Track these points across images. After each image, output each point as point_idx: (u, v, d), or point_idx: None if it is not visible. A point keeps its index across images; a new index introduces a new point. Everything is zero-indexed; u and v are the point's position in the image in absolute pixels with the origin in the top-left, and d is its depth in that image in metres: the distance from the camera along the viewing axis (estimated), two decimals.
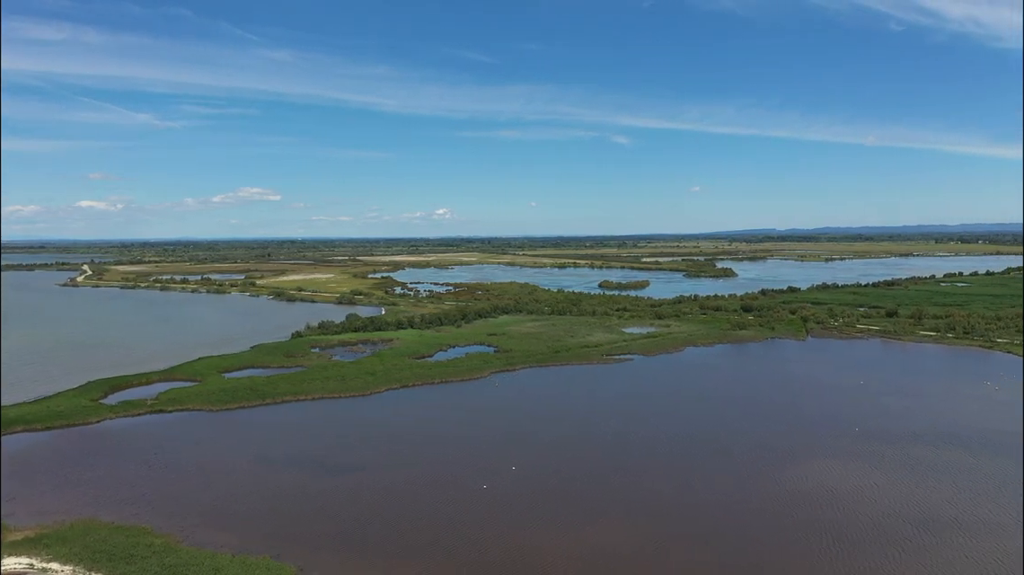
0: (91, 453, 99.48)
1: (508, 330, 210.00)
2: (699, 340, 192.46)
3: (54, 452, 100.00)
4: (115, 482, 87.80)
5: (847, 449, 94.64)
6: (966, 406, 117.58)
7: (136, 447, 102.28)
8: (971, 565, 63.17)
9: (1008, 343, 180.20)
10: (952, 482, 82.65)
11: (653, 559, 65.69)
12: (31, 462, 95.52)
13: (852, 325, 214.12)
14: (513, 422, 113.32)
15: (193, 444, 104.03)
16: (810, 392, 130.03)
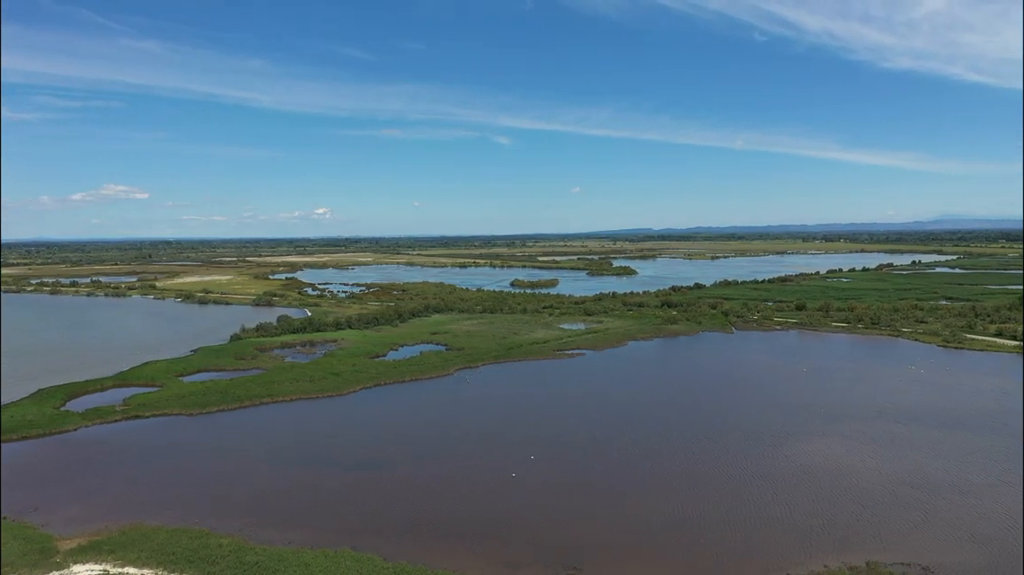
0: (92, 461, 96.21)
1: (449, 328, 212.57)
2: (637, 335, 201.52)
3: (51, 461, 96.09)
4: (137, 488, 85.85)
5: (830, 429, 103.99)
6: (908, 387, 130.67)
7: (137, 453, 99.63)
8: (981, 518, 72.58)
9: (911, 332, 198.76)
10: (933, 452, 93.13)
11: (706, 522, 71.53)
12: (34, 472, 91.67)
13: (770, 318, 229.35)
14: (507, 415, 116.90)
15: (194, 447, 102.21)
16: (765, 380, 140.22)
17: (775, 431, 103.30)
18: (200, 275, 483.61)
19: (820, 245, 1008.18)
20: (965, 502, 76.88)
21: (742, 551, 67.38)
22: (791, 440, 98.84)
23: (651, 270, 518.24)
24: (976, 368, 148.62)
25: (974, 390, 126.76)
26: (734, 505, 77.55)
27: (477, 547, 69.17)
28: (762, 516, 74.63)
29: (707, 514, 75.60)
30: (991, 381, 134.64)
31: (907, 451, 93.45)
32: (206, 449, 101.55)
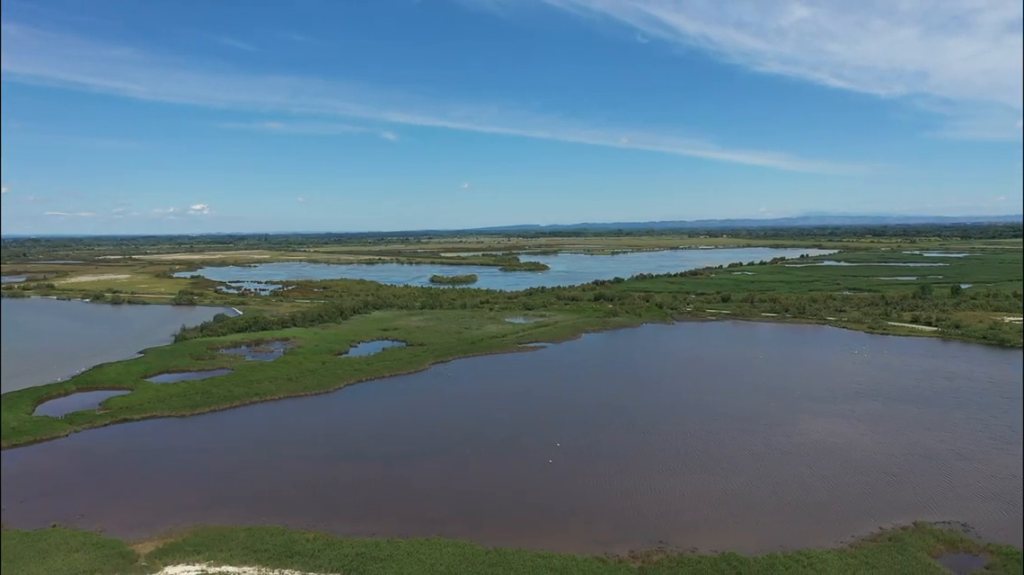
0: (111, 465, 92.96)
1: (398, 325, 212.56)
2: (586, 328, 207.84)
3: (65, 467, 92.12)
4: (175, 490, 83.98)
5: (819, 410, 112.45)
6: (864, 370, 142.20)
7: (152, 455, 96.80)
8: (994, 479, 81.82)
9: (836, 320, 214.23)
10: (921, 427, 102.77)
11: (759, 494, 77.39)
12: (55, 478, 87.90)
13: (703, 310, 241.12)
14: (509, 405, 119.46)
15: (210, 447, 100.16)
16: (731, 367, 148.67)
17: (771, 414, 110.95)
18: (93, 274, 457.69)
19: (707, 240, 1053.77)
20: (973, 467, 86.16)
21: (805, 517, 73.61)
22: (790, 421, 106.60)
23: (561, 265, 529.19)
24: (909, 352, 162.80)
25: (921, 371, 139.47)
26: (778, 478, 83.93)
27: (558, 530, 72.15)
28: (807, 486, 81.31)
29: (757, 487, 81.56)
30: (932, 363, 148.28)
31: (897, 426, 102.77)
32: (223, 448, 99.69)
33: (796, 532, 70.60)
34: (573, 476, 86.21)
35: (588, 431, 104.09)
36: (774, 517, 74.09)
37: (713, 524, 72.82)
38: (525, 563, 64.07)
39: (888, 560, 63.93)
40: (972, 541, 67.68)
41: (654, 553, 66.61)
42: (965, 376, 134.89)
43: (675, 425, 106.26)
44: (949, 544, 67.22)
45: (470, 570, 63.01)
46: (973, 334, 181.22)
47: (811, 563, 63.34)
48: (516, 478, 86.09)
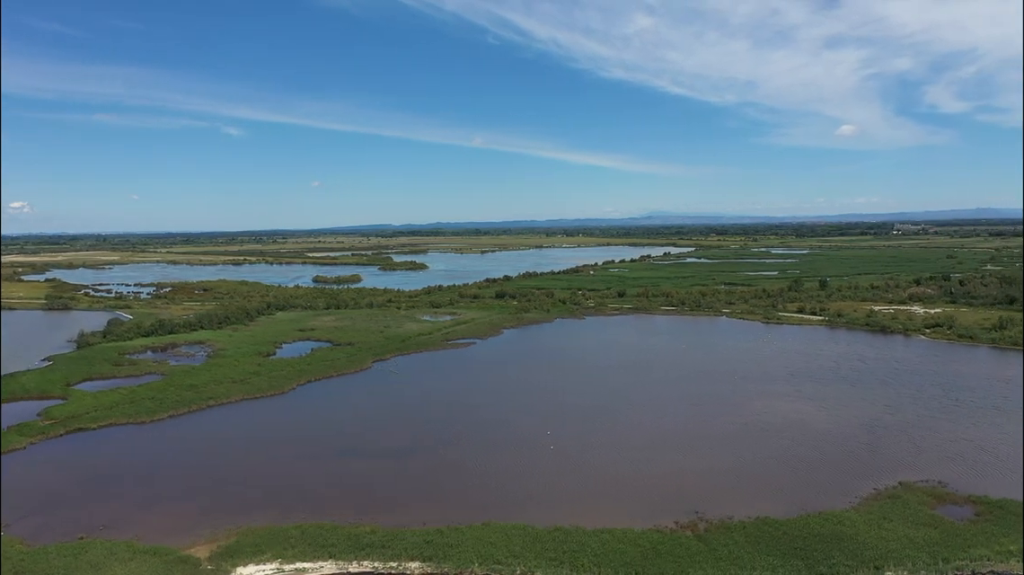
0: (101, 475, 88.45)
1: (312, 325, 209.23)
2: (504, 324, 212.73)
3: (48, 480, 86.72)
4: (192, 495, 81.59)
5: (770, 390, 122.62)
6: (783, 355, 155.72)
7: (143, 462, 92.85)
8: (952, 442, 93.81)
9: (731, 312, 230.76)
10: (866, 402, 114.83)
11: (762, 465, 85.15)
12: (45, 492, 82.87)
13: (605, 305, 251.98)
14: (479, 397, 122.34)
15: (196, 452, 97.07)
16: (665, 356, 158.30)
17: (728, 396, 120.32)
18: None
19: (567, 239, 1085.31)
20: (927, 434, 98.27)
21: (808, 484, 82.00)
22: (748, 402, 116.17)
23: (440, 264, 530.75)
24: (810, 338, 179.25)
25: (834, 355, 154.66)
26: (769, 452, 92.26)
27: (594, 509, 76.57)
28: (798, 457, 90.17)
29: (756, 460, 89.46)
30: (837, 347, 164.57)
31: (843, 403, 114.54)
32: (213, 452, 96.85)
33: (808, 497, 78.69)
34: (579, 461, 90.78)
35: (569, 417, 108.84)
36: (784, 485, 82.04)
37: (735, 495, 79.64)
38: (592, 538, 68.11)
39: (898, 513, 73.04)
40: (953, 494, 78.21)
41: (698, 522, 72.40)
42: (873, 358, 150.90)
43: (652, 409, 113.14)
44: (936, 498, 77.36)
45: (542, 548, 66.34)
46: (856, 322, 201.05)
47: (839, 521, 71.35)
48: (528, 464, 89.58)
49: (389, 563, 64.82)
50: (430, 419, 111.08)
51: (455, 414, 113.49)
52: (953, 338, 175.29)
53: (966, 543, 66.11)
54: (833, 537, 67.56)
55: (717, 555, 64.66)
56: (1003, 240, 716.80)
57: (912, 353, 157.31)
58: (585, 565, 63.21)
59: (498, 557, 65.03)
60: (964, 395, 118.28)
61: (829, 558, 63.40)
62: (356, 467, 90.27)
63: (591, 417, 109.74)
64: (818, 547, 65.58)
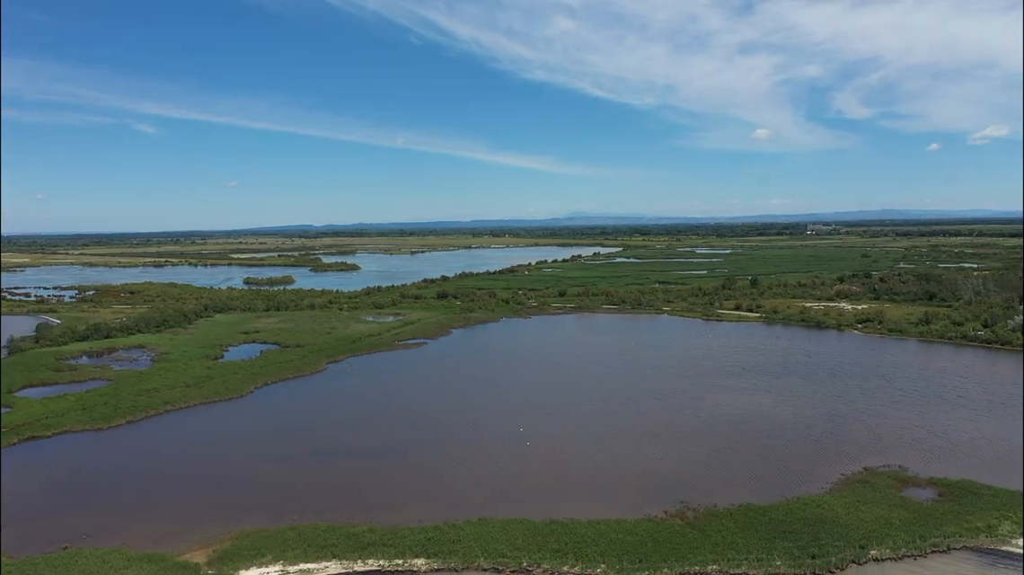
0: (71, 484, 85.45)
1: (256, 327, 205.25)
2: (451, 324, 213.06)
3: (12, 489, 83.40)
4: (172, 500, 79.85)
5: (727, 384, 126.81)
6: (733, 350, 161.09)
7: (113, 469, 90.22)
8: (907, 429, 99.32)
9: (671, 310, 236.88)
10: (819, 394, 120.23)
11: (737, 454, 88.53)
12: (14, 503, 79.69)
13: (548, 304, 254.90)
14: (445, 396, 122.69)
15: (169, 456, 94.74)
16: (619, 351, 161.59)
17: (689, 390, 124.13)
18: None
19: (495, 239, 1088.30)
20: (882, 422, 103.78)
21: (782, 472, 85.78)
22: (709, 395, 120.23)
23: (372, 265, 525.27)
24: (752, 334, 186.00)
25: (779, 349, 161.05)
26: (739, 441, 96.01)
27: (583, 502, 78.28)
28: (769, 447, 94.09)
29: (729, 451, 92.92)
30: (779, 343, 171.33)
31: (798, 395, 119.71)
32: (185, 456, 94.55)
33: (784, 483, 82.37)
34: (560, 456, 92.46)
35: (537, 414, 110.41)
36: (759, 473, 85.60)
37: (715, 483, 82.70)
38: (589, 530, 69.86)
39: (870, 496, 77.32)
40: (916, 477, 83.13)
41: (685, 511, 75.00)
42: (816, 352, 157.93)
43: (619, 405, 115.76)
44: (901, 481, 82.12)
45: (543, 540, 67.69)
46: (791, 318, 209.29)
47: (819, 505, 75.11)
48: (508, 461, 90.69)
49: (395, 561, 65.05)
50: (399, 419, 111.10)
51: (423, 414, 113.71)
52: (884, 332, 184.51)
53: (937, 522, 70.54)
54: (816, 520, 71.07)
55: (712, 541, 67.22)
56: (910, 240, 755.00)
57: (850, 347, 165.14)
58: (589, 555, 64.81)
59: (502, 551, 66.06)
60: (907, 385, 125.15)
61: (817, 540, 66.74)
62: (335, 468, 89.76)
63: (559, 413, 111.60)
64: (805, 530, 68.92)
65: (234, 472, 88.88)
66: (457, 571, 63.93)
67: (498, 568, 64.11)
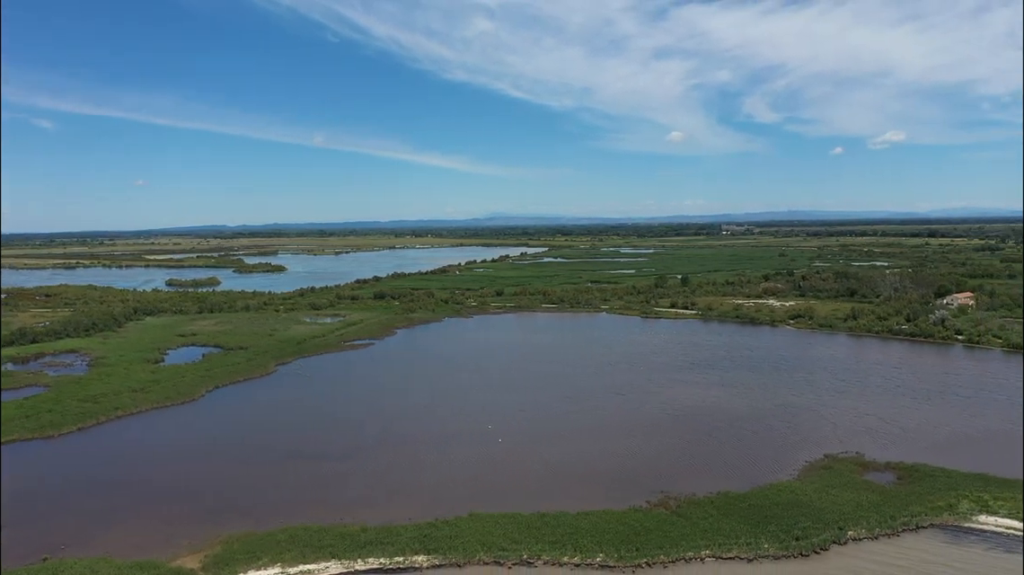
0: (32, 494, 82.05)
1: (192, 330, 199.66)
2: (395, 324, 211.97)
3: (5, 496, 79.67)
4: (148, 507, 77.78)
5: (680, 379, 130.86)
6: (677, 346, 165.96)
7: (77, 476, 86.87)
8: (858, 418, 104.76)
9: (609, 308, 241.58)
10: (766, 387, 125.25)
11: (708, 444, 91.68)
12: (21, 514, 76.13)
13: (487, 304, 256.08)
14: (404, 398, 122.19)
15: (132, 462, 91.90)
16: (571, 349, 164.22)
17: (647, 385, 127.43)
18: None
19: (419, 240, 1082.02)
20: (834, 412, 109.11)
21: (751, 460, 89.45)
22: (666, 390, 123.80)
23: (298, 266, 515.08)
24: (691, 331, 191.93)
25: (722, 345, 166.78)
26: (704, 432, 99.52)
27: (564, 495, 79.98)
28: (734, 436, 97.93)
29: (697, 440, 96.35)
30: (720, 339, 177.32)
31: (750, 388, 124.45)
32: (149, 462, 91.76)
33: (754, 471, 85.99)
34: (535, 451, 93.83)
35: (503, 412, 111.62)
36: (729, 462, 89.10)
37: (689, 473, 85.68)
38: (581, 521, 71.53)
39: (837, 481, 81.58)
40: (874, 462, 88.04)
41: (668, 500, 77.48)
42: (757, 347, 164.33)
43: (582, 401, 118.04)
44: (861, 466, 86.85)
45: (538, 532, 68.94)
46: (726, 315, 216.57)
47: (792, 491, 78.85)
48: (485, 457, 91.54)
49: (395, 558, 65.19)
50: (362, 419, 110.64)
51: (386, 413, 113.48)
52: (815, 327, 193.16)
53: (903, 503, 75.09)
54: (792, 505, 74.64)
55: (700, 528, 69.83)
56: (820, 240, 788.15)
57: (786, 341, 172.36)
58: (586, 546, 66.43)
59: (501, 544, 67.02)
60: (849, 376, 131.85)
61: (798, 523, 70.15)
62: (308, 469, 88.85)
63: (524, 411, 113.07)
64: (784, 514, 72.32)
65: (204, 476, 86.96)
66: (459, 566, 64.48)
67: (499, 561, 64.96)
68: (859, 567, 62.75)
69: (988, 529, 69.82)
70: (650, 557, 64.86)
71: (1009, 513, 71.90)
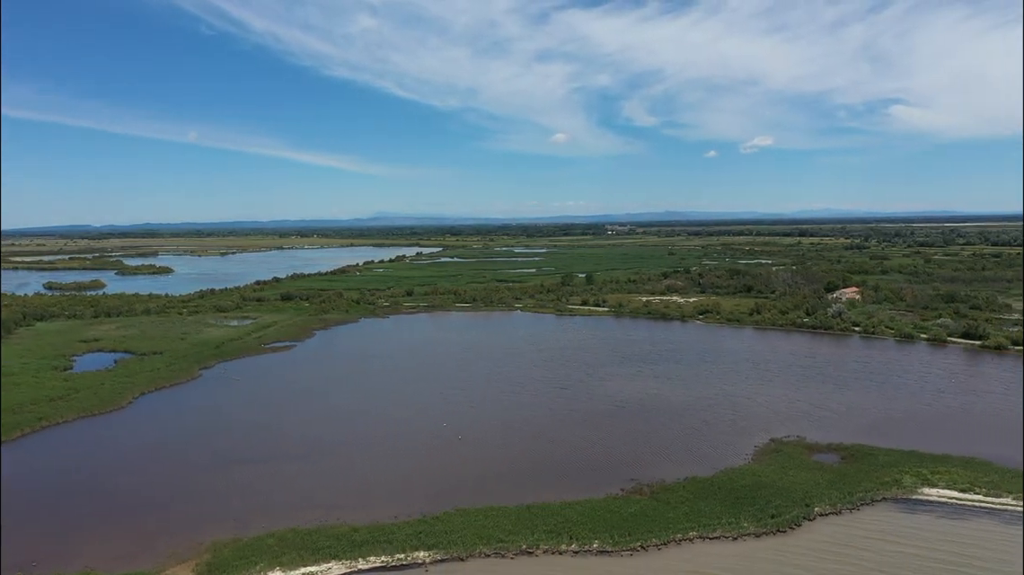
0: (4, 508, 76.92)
1: (96, 335, 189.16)
2: (311, 325, 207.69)
3: None
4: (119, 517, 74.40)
5: (615, 373, 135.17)
6: (603, 342, 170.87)
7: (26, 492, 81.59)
8: (793, 403, 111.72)
9: (523, 306, 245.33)
10: (702, 378, 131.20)
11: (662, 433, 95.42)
12: None
13: (400, 304, 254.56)
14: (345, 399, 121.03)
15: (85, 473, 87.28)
16: (497, 347, 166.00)
17: (587, 380, 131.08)
18: None
19: (305, 240, 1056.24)
20: (769, 399, 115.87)
21: (709, 444, 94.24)
22: (608, 384, 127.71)
23: (184, 267, 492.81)
24: (609, 327, 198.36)
25: (643, 340, 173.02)
26: (656, 424, 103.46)
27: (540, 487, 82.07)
28: (684, 426, 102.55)
29: (650, 430, 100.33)
30: (639, 334, 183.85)
31: (685, 380, 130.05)
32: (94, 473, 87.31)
33: (713, 456, 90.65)
34: (496, 447, 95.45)
35: (452, 409, 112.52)
36: (688, 449, 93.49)
37: (653, 461, 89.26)
38: (567, 510, 73.74)
39: (790, 462, 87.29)
40: (818, 444, 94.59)
41: (642, 487, 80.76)
42: (678, 341, 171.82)
43: (528, 395, 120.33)
44: (807, 448, 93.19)
45: (531, 523, 70.61)
46: (637, 312, 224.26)
47: (754, 473, 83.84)
48: (448, 455, 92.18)
49: (396, 555, 65.31)
50: (310, 420, 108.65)
51: (333, 414, 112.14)
52: (723, 321, 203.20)
53: (855, 480, 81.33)
54: (759, 486, 79.47)
55: (682, 511, 73.36)
56: (701, 239, 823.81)
57: (702, 335, 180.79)
58: (581, 533, 68.66)
59: (498, 536, 68.30)
60: (771, 366, 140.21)
61: (770, 502, 74.92)
62: (270, 472, 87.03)
63: (474, 408, 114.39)
64: (755, 495, 76.98)
65: (164, 485, 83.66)
66: (462, 559, 65.32)
67: (500, 553, 66.22)
68: (833, 539, 67.82)
69: (933, 500, 76.73)
70: (643, 541, 67.69)
71: (947, 485, 79.27)
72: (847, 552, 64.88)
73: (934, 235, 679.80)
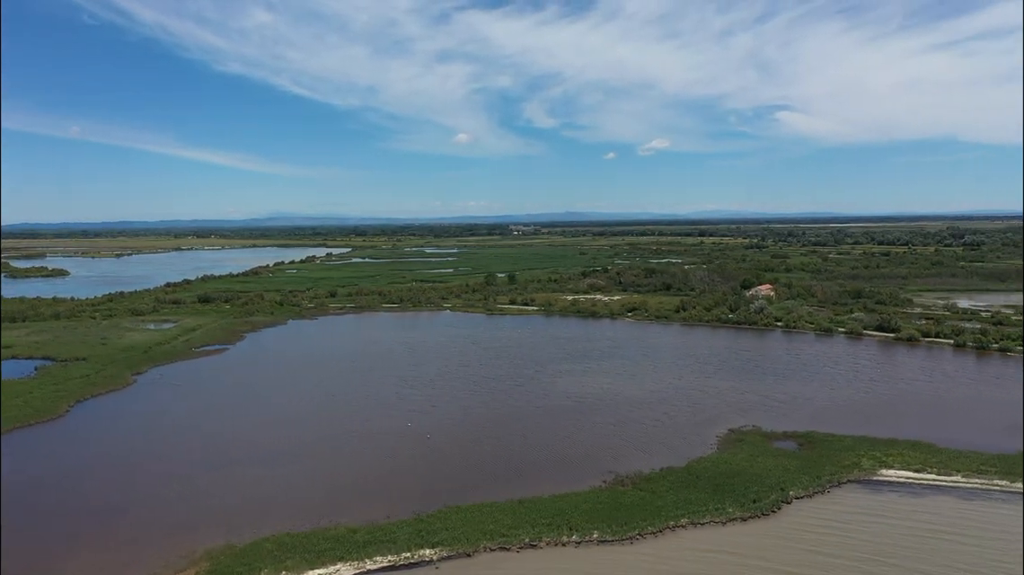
0: None
1: (6, 340, 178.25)
2: (239, 327, 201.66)
3: None
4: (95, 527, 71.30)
5: (565, 370, 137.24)
6: (550, 341, 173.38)
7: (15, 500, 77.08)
8: (763, 397, 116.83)
9: (452, 306, 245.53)
10: (658, 373, 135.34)
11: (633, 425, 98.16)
12: None
13: (325, 305, 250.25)
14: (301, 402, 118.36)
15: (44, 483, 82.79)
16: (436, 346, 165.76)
17: (534, 375, 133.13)
18: None
19: (203, 241, 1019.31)
20: (720, 391, 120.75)
21: (675, 435, 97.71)
22: (559, 379, 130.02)
23: (80, 270, 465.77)
24: (542, 325, 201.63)
25: (581, 338, 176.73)
26: (625, 418, 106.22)
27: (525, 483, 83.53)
28: (647, 418, 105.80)
29: (616, 423, 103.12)
30: (575, 331, 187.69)
31: (636, 376, 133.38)
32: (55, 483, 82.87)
33: (681, 447, 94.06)
34: (467, 444, 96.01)
35: (410, 408, 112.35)
36: (657, 440, 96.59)
37: (626, 453, 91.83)
38: (560, 503, 75.40)
39: (756, 451, 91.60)
40: (774, 432, 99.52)
41: (623, 479, 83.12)
42: (614, 338, 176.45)
43: (484, 393, 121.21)
44: (766, 437, 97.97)
45: (529, 517, 71.71)
46: (566, 310, 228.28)
47: (726, 462, 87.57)
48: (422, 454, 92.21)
49: (403, 554, 65.24)
50: (268, 424, 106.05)
51: (291, 417, 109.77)
52: (652, 319, 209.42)
53: (818, 464, 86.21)
54: (733, 473, 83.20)
55: (669, 500, 76.11)
56: (607, 239, 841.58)
57: (635, 332, 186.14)
58: (579, 524, 70.36)
59: (499, 531, 69.16)
60: (712, 360, 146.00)
61: (747, 489, 78.59)
62: (242, 476, 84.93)
63: (431, 406, 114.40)
64: (732, 482, 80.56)
65: (133, 493, 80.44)
66: (469, 555, 65.88)
67: (505, 547, 67.14)
68: (817, 518, 72.09)
69: (892, 480, 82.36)
70: (640, 529, 69.97)
71: (902, 466, 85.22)
72: (833, 527, 69.42)
73: (824, 235, 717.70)
